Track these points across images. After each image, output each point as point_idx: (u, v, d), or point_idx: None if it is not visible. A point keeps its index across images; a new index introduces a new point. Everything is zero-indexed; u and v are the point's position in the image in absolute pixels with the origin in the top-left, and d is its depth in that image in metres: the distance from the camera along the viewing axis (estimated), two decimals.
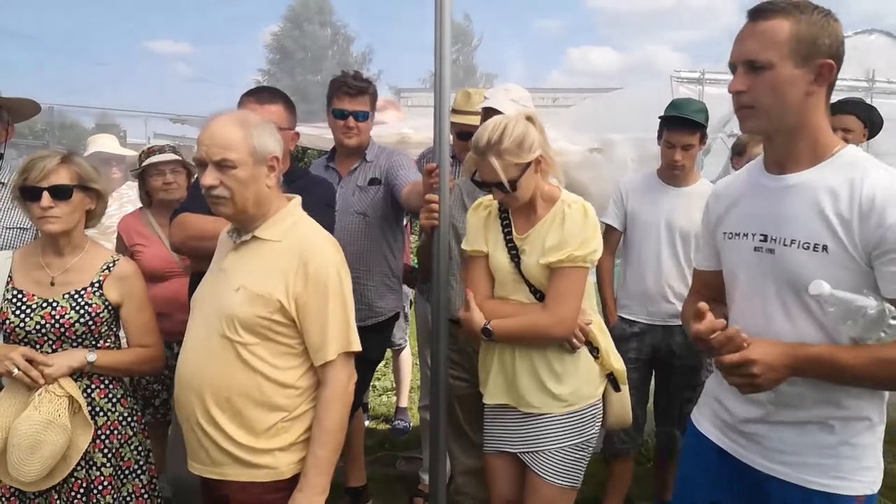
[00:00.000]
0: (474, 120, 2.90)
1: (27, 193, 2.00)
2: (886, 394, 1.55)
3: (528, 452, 2.12)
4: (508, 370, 2.13)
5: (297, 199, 1.93)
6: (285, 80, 34.11)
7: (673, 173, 2.99)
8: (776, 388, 1.47)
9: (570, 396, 2.08)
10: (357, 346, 1.83)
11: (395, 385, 4.79)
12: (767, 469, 1.57)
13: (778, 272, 1.52)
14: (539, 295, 2.08)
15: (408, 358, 4.60)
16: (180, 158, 3.04)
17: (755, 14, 1.48)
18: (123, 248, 2.96)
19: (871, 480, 1.51)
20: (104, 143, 4.67)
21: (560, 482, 2.09)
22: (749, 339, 1.45)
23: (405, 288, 3.65)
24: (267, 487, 1.77)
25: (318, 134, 4.61)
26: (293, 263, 1.76)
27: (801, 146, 1.50)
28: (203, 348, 1.79)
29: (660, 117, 3.00)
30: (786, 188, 1.52)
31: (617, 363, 2.16)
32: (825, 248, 1.44)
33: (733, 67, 1.51)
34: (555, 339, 2.05)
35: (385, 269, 3.02)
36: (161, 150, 3.05)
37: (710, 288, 1.78)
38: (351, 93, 2.90)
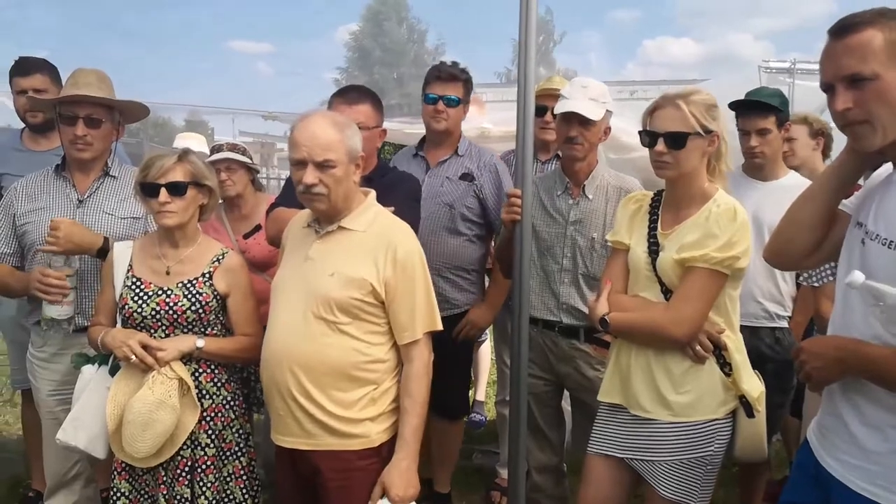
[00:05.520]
0: (548, 94, 2.91)
1: (146, 189, 2.16)
2: None
3: (637, 460, 2.05)
4: (624, 368, 2.07)
5: (373, 193, 2.07)
6: (363, 77, 34.70)
7: (755, 163, 2.82)
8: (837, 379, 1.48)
9: (683, 406, 1.97)
10: (440, 325, 2.00)
11: (473, 378, 4.83)
12: (825, 463, 1.56)
13: (861, 264, 1.49)
14: (670, 295, 1.99)
15: (487, 352, 4.61)
16: (231, 157, 2.97)
17: (841, 31, 1.44)
18: None
19: None
20: (190, 145, 4.77)
21: (670, 495, 1.98)
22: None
23: None
24: (358, 455, 1.94)
25: (393, 128, 4.69)
26: (382, 250, 1.92)
27: None
28: (296, 327, 1.92)
29: (729, 105, 2.78)
30: (892, 183, 1.50)
31: (749, 386, 1.98)
32: None
33: (828, 88, 1.47)
34: (670, 338, 1.95)
35: (465, 261, 3.04)
36: (219, 148, 3.04)
37: None
38: (442, 77, 2.96)
